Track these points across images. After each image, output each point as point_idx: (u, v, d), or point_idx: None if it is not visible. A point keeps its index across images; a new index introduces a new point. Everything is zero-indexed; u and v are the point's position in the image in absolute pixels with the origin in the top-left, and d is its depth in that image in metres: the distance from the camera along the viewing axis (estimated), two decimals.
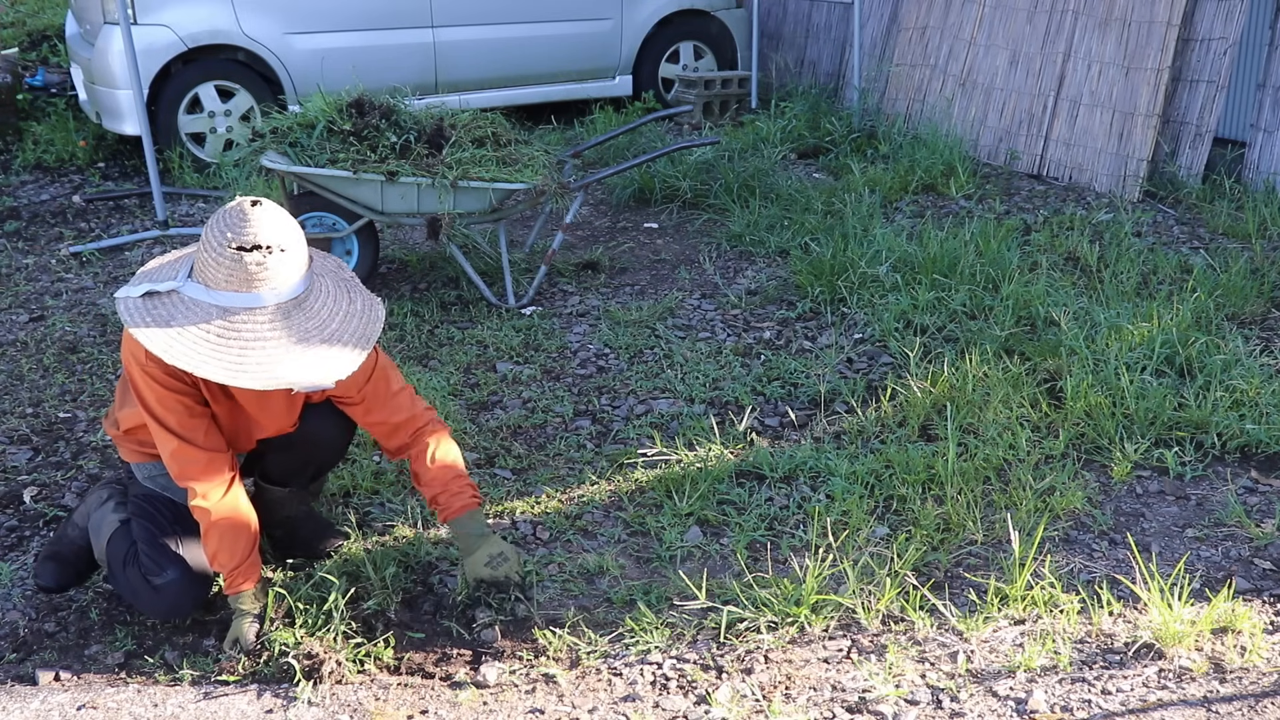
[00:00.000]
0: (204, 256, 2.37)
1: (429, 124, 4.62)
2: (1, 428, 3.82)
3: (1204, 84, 5.91)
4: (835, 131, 7.10)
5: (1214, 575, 2.92)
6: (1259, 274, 4.77)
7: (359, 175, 4.40)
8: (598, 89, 8.11)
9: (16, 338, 4.60)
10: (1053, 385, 3.86)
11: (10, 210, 6.32)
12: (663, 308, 4.73)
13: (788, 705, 2.47)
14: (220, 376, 2.31)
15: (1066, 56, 6.53)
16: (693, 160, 6.25)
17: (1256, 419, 3.56)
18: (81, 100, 7.31)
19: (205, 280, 2.37)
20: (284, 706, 2.49)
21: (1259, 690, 2.47)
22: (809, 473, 3.42)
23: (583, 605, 2.85)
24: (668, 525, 3.16)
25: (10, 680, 2.60)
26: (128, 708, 2.49)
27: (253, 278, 2.34)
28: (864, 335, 4.41)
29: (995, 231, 5.21)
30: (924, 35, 7.44)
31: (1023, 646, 2.63)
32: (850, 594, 2.80)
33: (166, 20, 6.55)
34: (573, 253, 5.47)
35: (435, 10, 7.33)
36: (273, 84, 6.92)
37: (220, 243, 2.34)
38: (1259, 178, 5.80)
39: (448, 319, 4.68)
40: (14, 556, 3.09)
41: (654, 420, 3.79)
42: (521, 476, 3.46)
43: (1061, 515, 3.19)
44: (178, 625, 2.79)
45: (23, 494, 3.39)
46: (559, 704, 2.50)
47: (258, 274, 2.34)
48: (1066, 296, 4.54)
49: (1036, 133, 6.65)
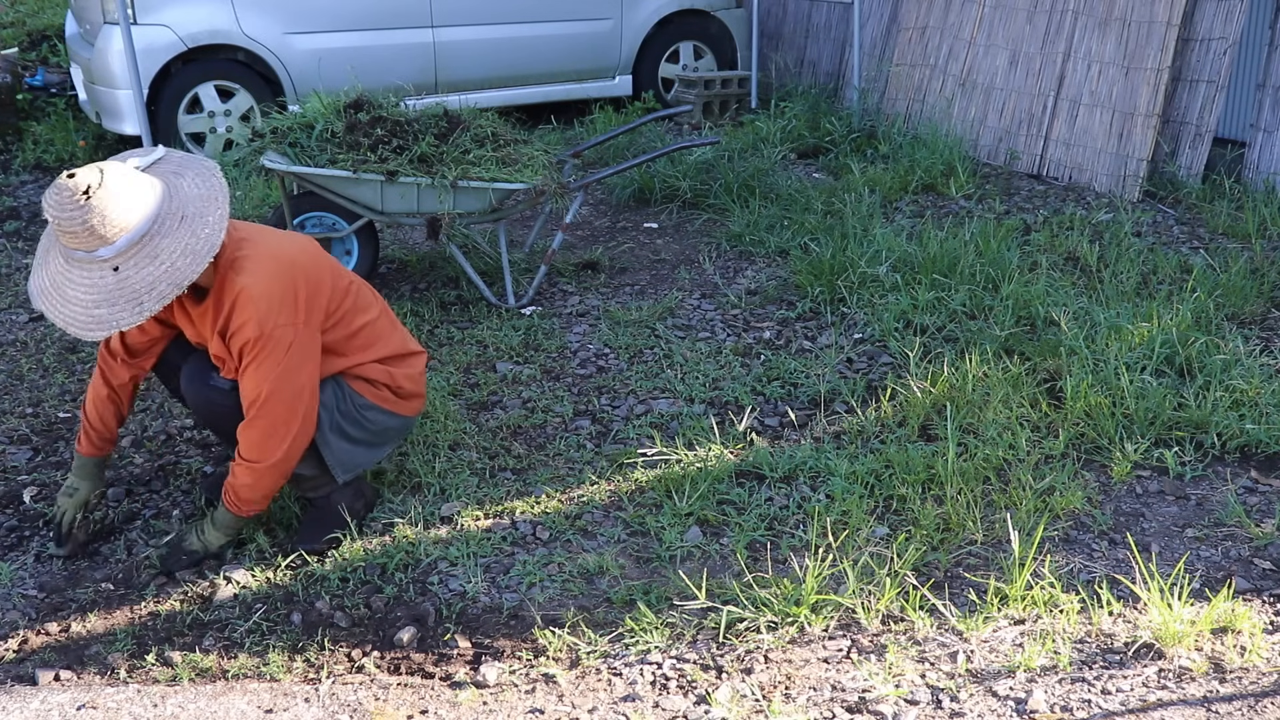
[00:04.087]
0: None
1: (436, 124, 4.62)
2: (1, 428, 3.82)
3: (1204, 84, 5.91)
4: (835, 131, 7.10)
5: (1214, 575, 2.92)
6: (1259, 274, 4.77)
7: (359, 175, 4.40)
8: (598, 89, 8.11)
9: (16, 338, 4.60)
10: (1053, 385, 3.86)
11: (10, 210, 6.32)
12: (663, 308, 4.73)
13: (788, 705, 2.47)
14: (31, 290, 2.75)
15: (1066, 56, 6.53)
16: (693, 160, 6.25)
17: (1256, 419, 3.56)
18: (81, 100, 7.31)
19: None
20: (284, 707, 2.49)
21: (1259, 690, 2.47)
22: (809, 473, 3.42)
23: (583, 605, 2.85)
24: (668, 525, 3.16)
25: (10, 680, 2.60)
26: (128, 708, 2.49)
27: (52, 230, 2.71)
28: (864, 335, 4.41)
29: (995, 231, 5.21)
30: (924, 35, 7.44)
31: (1023, 646, 2.63)
32: (850, 594, 2.80)
33: (166, 20, 6.55)
34: (573, 253, 5.47)
35: (435, 10, 7.33)
36: (272, 84, 6.92)
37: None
38: (1259, 178, 5.80)
39: (448, 319, 4.68)
40: (14, 556, 3.09)
41: (654, 420, 3.79)
42: (521, 476, 3.46)
43: (1061, 515, 3.19)
44: (178, 625, 2.80)
45: (23, 494, 3.40)
46: (559, 704, 2.50)
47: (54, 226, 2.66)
48: (1066, 296, 4.54)
49: (1036, 133, 6.65)
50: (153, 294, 2.65)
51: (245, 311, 2.78)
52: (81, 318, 2.66)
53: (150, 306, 2.64)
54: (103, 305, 2.65)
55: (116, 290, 2.64)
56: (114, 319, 2.64)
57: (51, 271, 2.72)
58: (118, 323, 2.64)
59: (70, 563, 3.06)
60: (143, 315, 2.64)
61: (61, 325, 2.69)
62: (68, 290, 2.68)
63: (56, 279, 2.70)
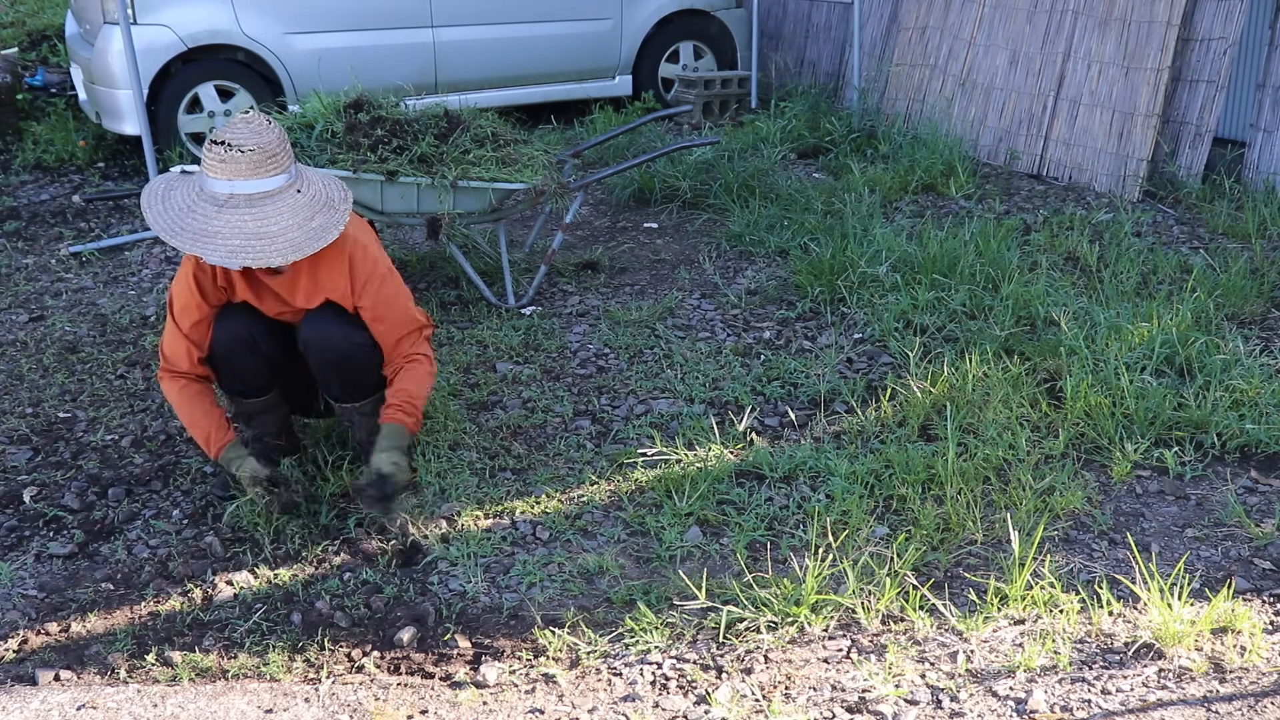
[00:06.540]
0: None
1: (436, 124, 4.61)
2: (1, 428, 3.82)
3: (1204, 84, 5.92)
4: (835, 131, 7.10)
5: (1214, 575, 2.92)
6: (1259, 274, 4.77)
7: (359, 175, 4.40)
8: (598, 89, 8.11)
9: (16, 338, 4.60)
10: (1053, 385, 3.86)
11: (10, 210, 6.32)
12: (663, 308, 4.73)
13: (787, 705, 2.47)
14: (158, 230, 2.92)
15: (1066, 56, 6.53)
16: (692, 160, 6.25)
17: (1256, 419, 3.56)
18: (81, 100, 7.31)
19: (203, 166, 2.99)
20: (284, 706, 2.49)
21: (1259, 690, 2.47)
22: (809, 473, 3.42)
23: (583, 605, 2.85)
24: (668, 525, 3.16)
25: (10, 680, 2.60)
26: (128, 708, 2.49)
27: (212, 167, 2.93)
28: (864, 335, 4.41)
29: (995, 231, 5.21)
30: (924, 35, 7.44)
31: (1022, 646, 2.63)
32: (850, 594, 2.80)
33: (166, 20, 6.55)
34: (573, 253, 5.47)
35: (435, 10, 7.33)
36: (272, 84, 6.92)
37: (210, 137, 2.96)
38: (1259, 178, 5.80)
39: (448, 319, 4.68)
40: (14, 556, 3.09)
41: (654, 420, 3.79)
42: (521, 476, 3.46)
43: (1061, 515, 3.19)
44: (178, 625, 2.80)
45: (23, 494, 3.40)
46: (559, 704, 2.50)
47: (215, 165, 2.93)
48: (1066, 296, 4.54)
49: (1036, 133, 6.65)
50: (334, 199, 3.05)
51: (366, 260, 3.17)
52: (302, 236, 2.94)
53: (342, 207, 3.04)
54: (316, 215, 2.98)
55: (313, 203, 3.00)
56: (332, 222, 2.99)
57: (233, 230, 2.91)
58: (336, 224, 2.99)
59: (71, 562, 3.07)
60: (344, 216, 3.02)
61: (280, 259, 2.91)
62: (270, 228, 2.92)
63: (247, 228, 2.91)
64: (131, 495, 3.40)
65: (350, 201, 3.09)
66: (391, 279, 3.25)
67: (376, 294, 3.20)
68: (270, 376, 3.30)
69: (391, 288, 3.24)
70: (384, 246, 3.42)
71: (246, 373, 3.25)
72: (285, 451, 3.44)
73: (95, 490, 3.42)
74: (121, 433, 3.77)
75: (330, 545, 3.11)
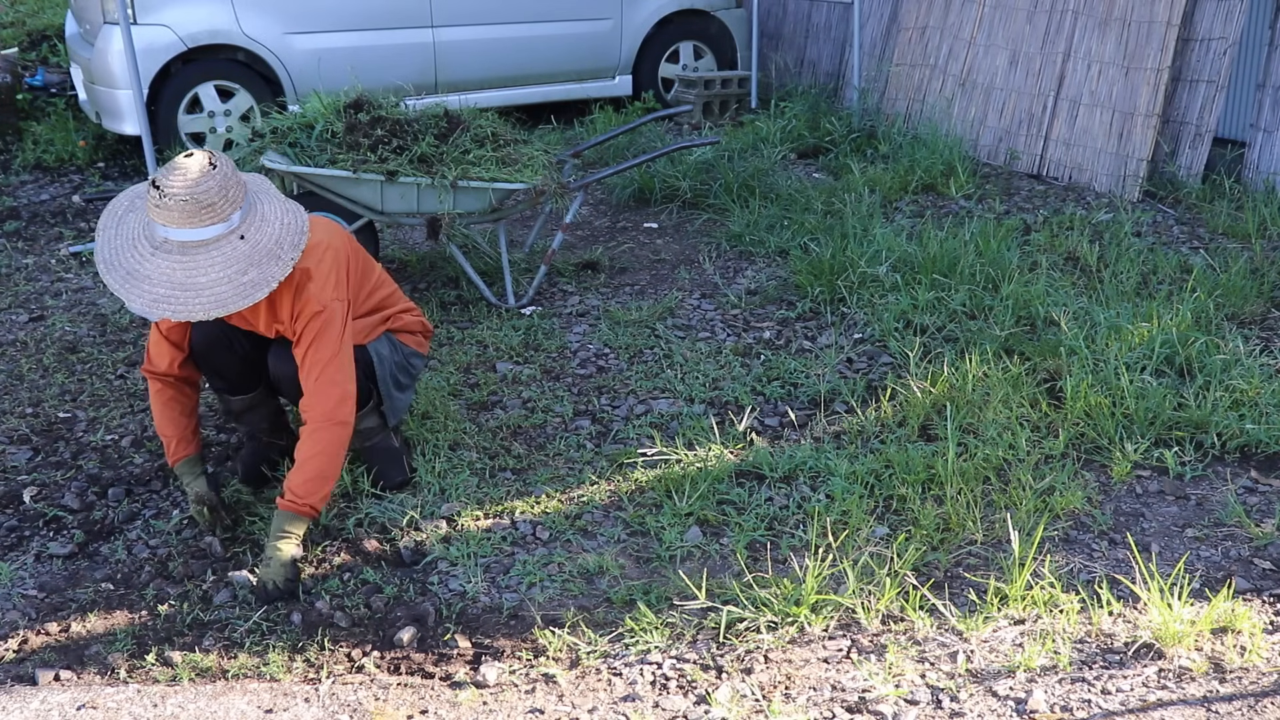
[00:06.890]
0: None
1: (436, 124, 4.62)
2: (1, 428, 3.82)
3: (1204, 84, 5.91)
4: (835, 131, 7.10)
5: (1214, 575, 2.92)
6: (1259, 274, 4.77)
7: (359, 175, 4.40)
8: (598, 89, 8.11)
9: (16, 338, 4.60)
10: (1053, 385, 3.86)
11: (10, 210, 6.32)
12: (663, 308, 4.73)
13: (787, 705, 2.47)
14: (98, 258, 2.84)
15: (1066, 56, 6.53)
16: (692, 160, 6.25)
17: (1256, 419, 3.56)
18: (81, 100, 7.31)
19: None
20: (284, 706, 2.49)
21: (1259, 690, 2.47)
22: (809, 473, 3.42)
23: (583, 605, 2.85)
24: (668, 525, 3.16)
25: (10, 680, 2.60)
26: (128, 708, 2.49)
27: (150, 209, 2.80)
28: (864, 335, 4.41)
29: (995, 231, 5.21)
30: (924, 35, 7.44)
31: (1022, 646, 2.63)
32: (850, 594, 2.80)
33: (166, 20, 6.55)
34: (573, 253, 5.47)
35: (435, 10, 7.33)
36: (272, 84, 6.92)
37: (152, 176, 2.84)
38: (1259, 178, 5.80)
39: (448, 319, 4.68)
40: (14, 556, 3.09)
41: (654, 420, 3.79)
42: (521, 476, 3.46)
43: (1061, 515, 3.19)
44: (178, 625, 2.80)
45: (23, 494, 3.40)
46: (559, 704, 2.50)
47: (151, 208, 2.79)
48: (1066, 296, 4.54)
49: (1036, 133, 6.65)
50: (283, 247, 2.88)
51: (309, 289, 3.01)
52: (230, 291, 2.80)
53: (288, 257, 2.86)
54: (249, 269, 2.82)
55: (253, 253, 2.83)
56: (265, 277, 2.83)
57: (161, 276, 2.79)
58: (271, 279, 2.83)
59: (71, 562, 3.07)
60: (287, 268, 2.85)
61: (202, 314, 2.79)
62: (198, 279, 2.79)
63: (175, 277, 2.79)
64: (131, 495, 3.40)
65: (300, 249, 2.89)
66: (331, 327, 3.01)
67: (307, 329, 3.02)
68: (251, 373, 3.29)
69: (329, 334, 3.01)
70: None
71: (226, 370, 3.26)
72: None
73: (95, 490, 3.42)
74: (121, 433, 3.77)
75: (330, 545, 3.11)
